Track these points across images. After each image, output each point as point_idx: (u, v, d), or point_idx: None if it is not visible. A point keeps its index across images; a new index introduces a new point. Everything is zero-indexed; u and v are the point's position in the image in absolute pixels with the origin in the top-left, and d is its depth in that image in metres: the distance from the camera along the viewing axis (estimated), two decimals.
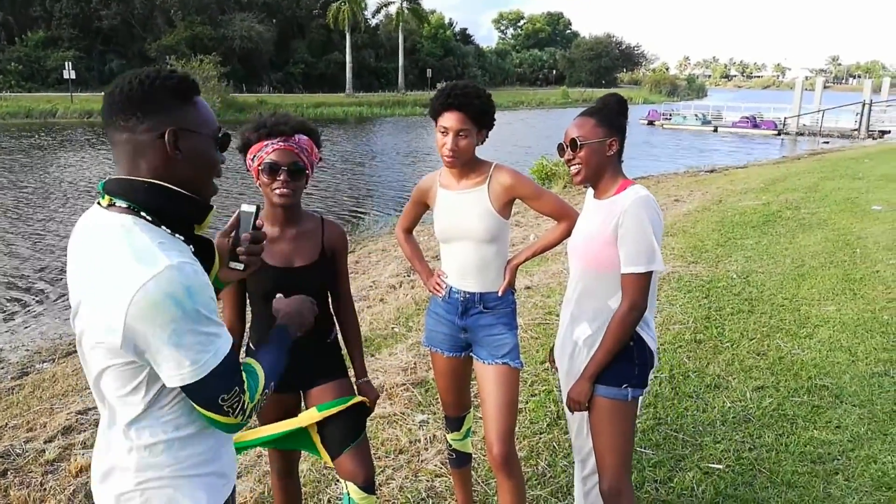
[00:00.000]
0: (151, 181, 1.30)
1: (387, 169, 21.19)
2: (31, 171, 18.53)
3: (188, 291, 1.21)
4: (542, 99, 64.72)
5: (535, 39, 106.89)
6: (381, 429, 3.66)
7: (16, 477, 3.48)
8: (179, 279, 1.21)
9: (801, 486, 3.06)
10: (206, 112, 1.38)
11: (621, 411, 2.20)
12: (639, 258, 2.07)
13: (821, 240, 7.90)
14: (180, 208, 1.34)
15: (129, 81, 1.29)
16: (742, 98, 64.00)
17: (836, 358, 4.46)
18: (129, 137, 1.30)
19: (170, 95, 1.31)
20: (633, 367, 2.19)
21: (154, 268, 1.20)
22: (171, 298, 1.19)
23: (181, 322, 1.21)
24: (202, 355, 1.24)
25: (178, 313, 1.20)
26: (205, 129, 1.36)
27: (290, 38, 58.89)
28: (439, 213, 2.47)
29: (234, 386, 1.30)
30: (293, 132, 2.14)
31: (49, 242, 10.97)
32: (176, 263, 1.21)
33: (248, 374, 1.37)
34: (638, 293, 2.10)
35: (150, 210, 1.30)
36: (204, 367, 1.24)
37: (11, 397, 5.07)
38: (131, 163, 1.31)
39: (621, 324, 2.11)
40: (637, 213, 2.07)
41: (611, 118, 2.19)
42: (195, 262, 1.28)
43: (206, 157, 1.37)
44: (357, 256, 9.51)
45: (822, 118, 32.79)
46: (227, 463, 1.47)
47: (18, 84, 43.13)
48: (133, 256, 1.22)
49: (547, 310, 5.54)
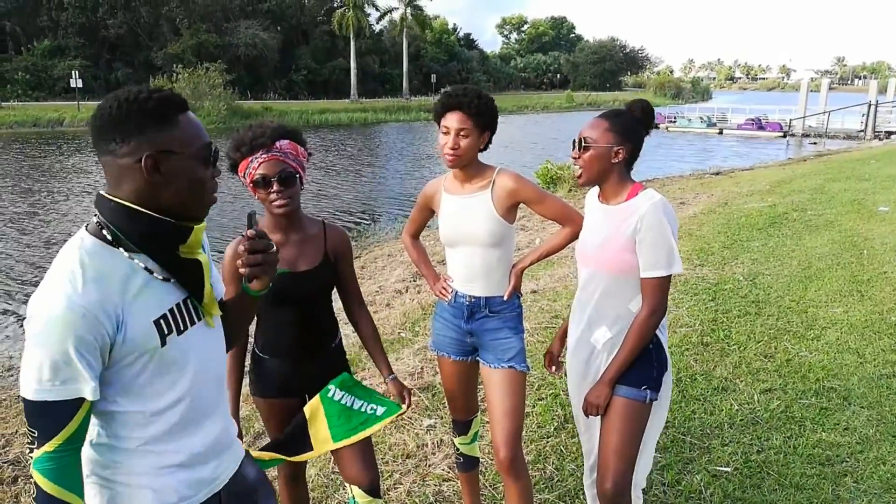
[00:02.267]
0: (118, 201, 1.31)
1: (392, 174, 21.24)
2: (40, 179, 18.65)
3: (49, 323, 1.22)
4: (547, 103, 64.72)
5: (539, 44, 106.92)
6: (389, 433, 3.67)
7: (26, 484, 3.51)
8: (50, 311, 1.22)
9: (810, 489, 3.05)
10: (189, 129, 1.35)
11: (638, 413, 2.20)
12: (658, 262, 2.09)
13: (827, 241, 7.88)
14: (145, 229, 1.32)
15: (108, 104, 1.30)
16: (747, 100, 63.90)
17: (843, 360, 4.45)
18: (111, 160, 1.30)
19: (148, 118, 1.29)
20: (653, 369, 2.21)
21: (46, 289, 1.25)
22: (39, 318, 1.23)
23: (32, 343, 1.23)
24: (26, 379, 1.23)
25: (35, 335, 1.23)
26: (187, 149, 1.33)
27: (294, 45, 59.12)
28: (444, 218, 2.48)
29: (33, 429, 1.24)
30: (273, 141, 2.11)
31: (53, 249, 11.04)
32: (59, 295, 1.23)
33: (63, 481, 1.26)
34: (659, 297, 2.12)
35: (114, 229, 1.31)
36: (24, 390, 1.24)
37: (21, 405, 5.09)
38: (116, 184, 1.32)
39: (643, 327, 2.13)
40: (656, 217, 2.08)
41: (627, 125, 2.17)
42: (83, 305, 1.23)
43: (189, 176, 1.34)
44: (363, 262, 9.54)
45: (828, 119, 32.69)
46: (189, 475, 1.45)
47: (26, 93, 43.40)
48: (49, 273, 1.28)
49: (553, 314, 5.54)
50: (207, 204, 1.41)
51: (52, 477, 1.24)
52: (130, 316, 1.30)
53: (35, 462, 1.24)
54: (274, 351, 2.32)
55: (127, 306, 1.29)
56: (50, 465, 1.24)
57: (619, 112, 2.20)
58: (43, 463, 1.24)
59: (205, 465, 1.48)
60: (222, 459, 1.54)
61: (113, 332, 1.27)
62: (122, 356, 1.31)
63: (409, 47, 61.99)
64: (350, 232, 12.49)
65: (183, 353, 1.40)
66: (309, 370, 2.33)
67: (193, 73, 36.73)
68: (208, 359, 1.49)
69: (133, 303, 1.31)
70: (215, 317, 1.52)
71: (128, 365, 1.32)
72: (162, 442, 1.40)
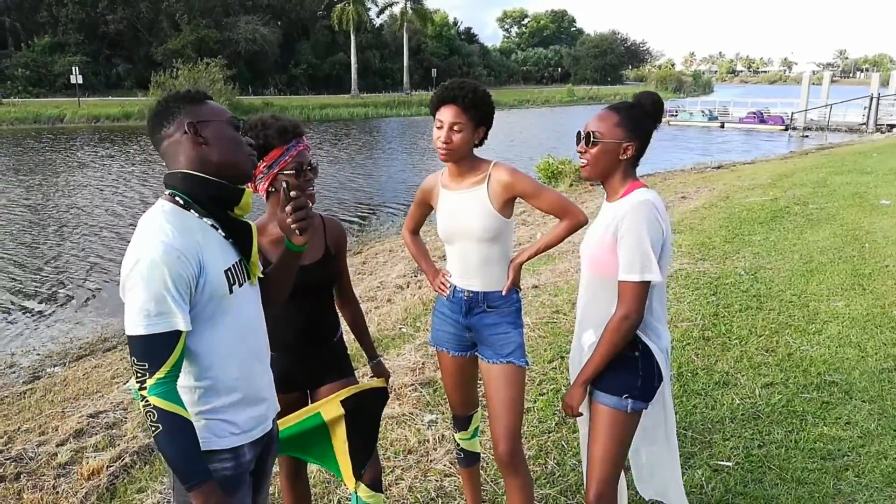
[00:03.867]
0: (185, 171, 1.60)
1: (393, 170, 21.22)
2: (43, 176, 18.66)
3: (149, 265, 1.47)
4: (548, 97, 64.62)
5: (540, 37, 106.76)
6: (390, 429, 3.67)
7: (29, 480, 3.52)
8: (149, 256, 1.48)
9: (811, 483, 3.05)
10: (217, 106, 1.67)
11: (618, 421, 2.13)
12: (633, 266, 2.00)
13: (829, 235, 7.86)
14: (210, 191, 1.61)
15: (153, 106, 1.66)
16: (749, 93, 63.57)
17: (845, 354, 4.44)
18: (165, 144, 1.62)
19: (182, 102, 1.62)
20: (637, 377, 2.12)
21: (139, 244, 1.51)
22: (136, 268, 1.48)
23: (136, 286, 1.48)
24: (133, 319, 1.48)
25: (135, 278, 1.48)
26: (219, 117, 1.64)
27: (294, 40, 59.06)
28: (441, 213, 2.47)
29: (144, 361, 1.48)
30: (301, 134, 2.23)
31: (56, 246, 11.05)
32: (154, 244, 1.49)
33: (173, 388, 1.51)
34: (632, 302, 2.01)
35: (184, 194, 1.59)
36: (130, 328, 1.49)
37: (23, 401, 5.11)
38: (174, 161, 1.62)
39: (614, 332, 2.04)
40: (634, 219, 2.00)
41: (637, 120, 2.09)
42: (175, 247, 1.50)
43: (227, 137, 1.64)
44: (364, 257, 9.54)
45: (830, 112, 32.59)
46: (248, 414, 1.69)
47: (26, 89, 43.38)
48: (138, 233, 1.55)
49: (554, 308, 5.54)
50: (250, 163, 1.70)
51: (167, 398, 1.48)
52: (208, 263, 1.56)
53: (150, 389, 1.47)
54: (275, 344, 2.31)
55: (205, 254, 1.56)
56: (163, 388, 1.48)
57: (629, 105, 2.12)
58: (157, 388, 1.48)
59: (260, 404, 1.74)
60: (269, 404, 1.79)
61: (197, 273, 1.54)
62: (201, 298, 1.56)
63: (410, 42, 61.90)
64: (351, 227, 12.49)
65: (240, 304, 1.67)
66: (311, 364, 2.34)
67: (193, 69, 36.63)
68: (256, 313, 1.77)
69: (209, 252, 1.58)
70: (255, 278, 1.78)
71: (202, 309, 1.57)
72: (227, 382, 1.64)
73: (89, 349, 6.63)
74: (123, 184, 17.47)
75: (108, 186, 17.06)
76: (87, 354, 6.46)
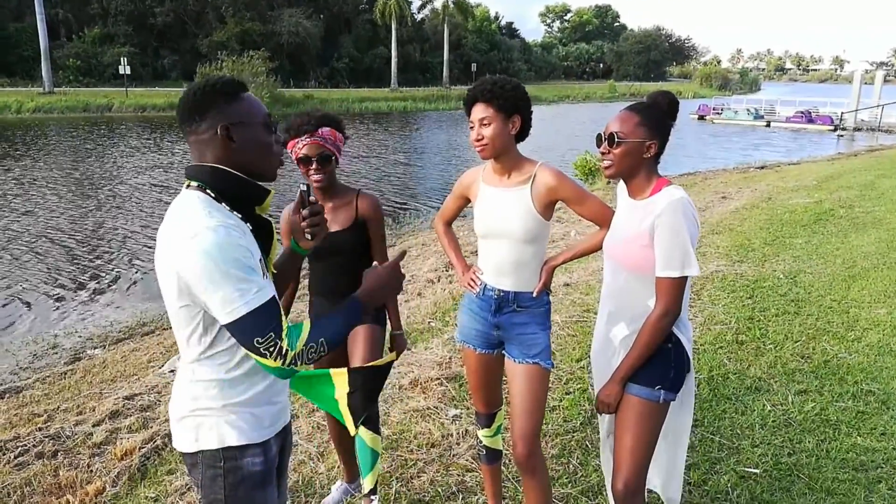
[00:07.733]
0: (216, 166, 1.59)
1: (429, 164, 21.25)
2: (90, 162, 19.20)
3: (219, 248, 1.46)
4: (589, 93, 63.87)
5: (582, 33, 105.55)
6: (415, 422, 3.70)
7: (65, 458, 3.64)
8: (213, 238, 1.46)
9: (842, 494, 2.98)
10: (253, 104, 1.63)
11: (651, 413, 2.17)
12: (673, 262, 2.03)
13: (874, 240, 7.62)
14: (238, 189, 1.61)
15: (186, 93, 1.60)
16: (797, 92, 61.93)
17: (884, 363, 4.31)
18: (195, 138, 1.60)
19: (218, 97, 1.58)
20: (670, 369, 2.16)
21: (197, 229, 1.48)
22: (205, 253, 1.46)
23: (215, 272, 1.46)
24: (235, 302, 1.48)
25: (211, 265, 1.46)
26: (254, 119, 1.62)
27: (336, 34, 59.49)
28: (480, 209, 2.47)
29: (268, 331, 1.50)
30: (317, 127, 2.56)
31: (102, 232, 11.37)
32: (213, 226, 1.48)
33: (291, 326, 1.57)
34: (672, 297, 2.06)
35: (214, 189, 1.58)
36: (235, 311, 1.48)
37: (63, 381, 5.29)
38: (201, 156, 1.61)
39: (654, 327, 2.09)
40: (673, 216, 2.03)
41: (657, 119, 2.12)
42: (232, 227, 1.51)
43: (258, 141, 1.62)
44: (397, 250, 9.58)
45: (882, 113, 31.49)
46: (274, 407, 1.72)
47: (76, 79, 44.65)
48: (188, 219, 1.51)
49: (585, 307, 5.49)
50: (276, 165, 1.69)
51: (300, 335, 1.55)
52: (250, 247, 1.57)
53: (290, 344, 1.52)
54: (317, 291, 2.84)
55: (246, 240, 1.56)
56: (293, 336, 1.54)
57: (648, 105, 2.15)
58: (291, 338, 1.53)
59: (281, 394, 1.77)
60: (285, 396, 1.83)
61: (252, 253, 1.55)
62: None
63: (451, 36, 61.77)
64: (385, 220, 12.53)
65: None
66: None
67: (237, 61, 37.21)
68: None
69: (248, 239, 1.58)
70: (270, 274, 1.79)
71: None
72: (251, 375, 1.65)
73: (129, 333, 6.82)
74: (169, 172, 17.87)
75: (154, 175, 17.47)
76: (126, 338, 6.65)
